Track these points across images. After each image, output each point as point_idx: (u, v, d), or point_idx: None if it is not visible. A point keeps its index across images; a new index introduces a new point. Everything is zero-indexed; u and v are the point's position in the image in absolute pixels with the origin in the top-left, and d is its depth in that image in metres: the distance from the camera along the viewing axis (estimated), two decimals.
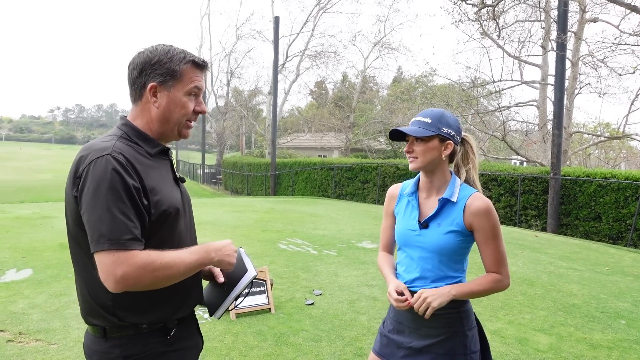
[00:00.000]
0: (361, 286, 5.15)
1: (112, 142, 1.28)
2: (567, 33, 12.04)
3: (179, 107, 1.36)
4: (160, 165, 1.39)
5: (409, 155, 1.69)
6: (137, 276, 1.16)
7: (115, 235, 1.15)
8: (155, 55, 1.34)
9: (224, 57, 34.69)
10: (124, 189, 1.19)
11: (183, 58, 1.35)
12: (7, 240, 7.13)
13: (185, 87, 1.36)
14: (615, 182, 10.31)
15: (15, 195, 20.22)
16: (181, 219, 1.38)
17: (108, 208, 1.16)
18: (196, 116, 1.42)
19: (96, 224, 1.16)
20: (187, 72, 1.36)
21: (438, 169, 1.69)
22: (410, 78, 32.37)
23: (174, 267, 1.23)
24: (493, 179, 12.89)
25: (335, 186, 18.72)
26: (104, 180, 1.18)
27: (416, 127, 1.66)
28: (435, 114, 1.67)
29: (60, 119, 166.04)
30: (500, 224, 1.64)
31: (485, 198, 1.63)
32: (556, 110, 11.78)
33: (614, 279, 5.95)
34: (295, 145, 34.53)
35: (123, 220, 1.17)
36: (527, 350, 3.61)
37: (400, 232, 1.74)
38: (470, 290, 1.62)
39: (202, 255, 1.31)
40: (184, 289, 1.39)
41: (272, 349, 3.48)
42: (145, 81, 1.34)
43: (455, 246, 1.63)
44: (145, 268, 1.17)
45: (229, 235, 7.89)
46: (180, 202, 1.39)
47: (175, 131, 1.40)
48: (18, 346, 3.38)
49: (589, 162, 21.68)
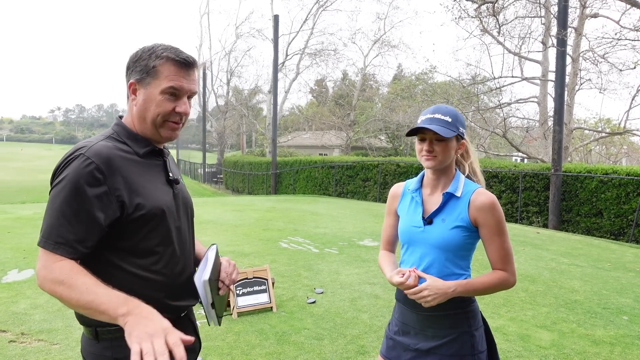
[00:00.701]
0: (362, 284, 5.15)
1: (95, 141, 1.28)
2: (567, 29, 12.02)
3: (153, 105, 1.30)
4: (150, 165, 1.37)
5: (429, 154, 1.63)
6: (50, 285, 1.16)
7: (51, 237, 1.19)
8: (139, 52, 1.33)
9: (224, 56, 34.70)
10: (81, 196, 1.19)
11: (161, 54, 1.29)
12: (8, 240, 7.14)
13: (161, 85, 1.29)
14: (617, 178, 10.29)
15: (16, 196, 20.26)
16: (169, 220, 1.35)
17: (58, 207, 1.20)
18: (178, 117, 1.34)
19: (45, 219, 1.22)
20: (163, 69, 1.29)
21: (448, 167, 1.68)
22: (411, 75, 32.28)
23: (76, 299, 1.12)
24: (494, 176, 12.88)
25: (336, 184, 18.72)
26: (68, 180, 1.20)
27: (438, 125, 1.61)
28: (453, 113, 1.64)
29: (60, 119, 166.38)
30: (505, 220, 1.63)
31: (490, 193, 1.62)
32: (557, 106, 11.76)
33: (616, 275, 5.94)
34: (296, 144, 34.54)
35: (65, 224, 1.19)
36: (530, 347, 3.60)
37: (404, 230, 1.73)
38: (475, 288, 1.59)
39: (113, 306, 1.09)
40: (175, 289, 1.37)
41: (274, 347, 3.49)
42: (129, 79, 1.33)
43: (460, 242, 1.61)
44: (55, 283, 1.15)
45: (229, 234, 7.89)
46: (170, 203, 1.36)
47: (154, 131, 1.34)
48: (20, 346, 3.39)
49: (590, 158, 21.64)
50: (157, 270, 1.32)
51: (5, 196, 20.33)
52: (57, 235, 1.18)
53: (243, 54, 37.11)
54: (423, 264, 1.65)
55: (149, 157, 1.37)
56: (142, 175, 1.31)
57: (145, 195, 1.29)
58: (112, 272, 1.27)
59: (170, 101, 1.31)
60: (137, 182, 1.28)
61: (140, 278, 1.29)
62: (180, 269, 1.39)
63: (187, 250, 1.45)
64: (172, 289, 1.37)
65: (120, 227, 1.25)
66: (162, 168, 1.41)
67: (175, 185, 1.42)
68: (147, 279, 1.30)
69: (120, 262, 1.28)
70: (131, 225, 1.26)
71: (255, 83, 40.99)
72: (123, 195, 1.24)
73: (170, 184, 1.41)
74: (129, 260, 1.29)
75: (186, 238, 1.46)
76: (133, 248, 1.29)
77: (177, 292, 1.39)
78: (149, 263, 1.31)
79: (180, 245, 1.40)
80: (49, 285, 1.16)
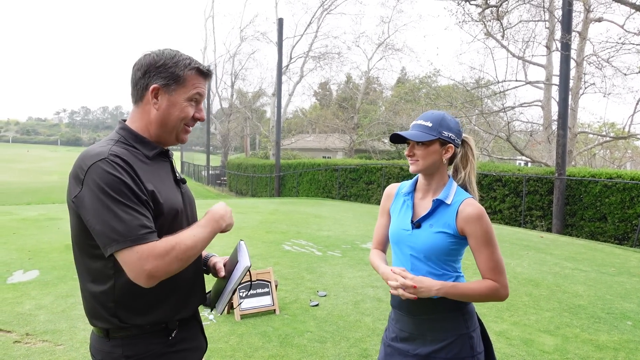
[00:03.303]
0: (366, 287, 5.15)
1: (108, 146, 1.29)
2: (571, 33, 12.00)
3: (178, 110, 1.37)
4: (159, 167, 1.40)
5: (410, 158, 1.69)
6: (165, 265, 1.20)
7: (131, 232, 1.18)
8: (161, 59, 1.36)
9: (228, 59, 34.86)
10: (125, 187, 1.21)
11: (188, 64, 1.37)
12: (14, 241, 7.18)
13: (188, 92, 1.37)
14: (621, 182, 10.25)
15: (22, 197, 20.35)
16: (182, 219, 1.39)
17: (113, 209, 1.18)
18: (194, 122, 1.44)
19: (107, 226, 1.17)
20: (190, 78, 1.38)
21: (437, 171, 1.70)
22: (414, 79, 32.29)
23: (194, 246, 1.27)
24: (498, 180, 12.85)
25: (339, 187, 18.72)
26: (104, 183, 1.19)
27: (417, 130, 1.66)
28: (436, 118, 1.67)
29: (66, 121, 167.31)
30: (494, 231, 1.63)
31: (478, 204, 1.63)
32: (561, 110, 11.73)
33: (620, 280, 5.91)
34: (300, 147, 34.55)
35: (133, 215, 1.19)
36: (533, 352, 3.60)
37: (393, 231, 1.75)
38: (461, 292, 1.59)
39: (213, 226, 1.36)
40: (185, 290, 1.41)
41: (277, 350, 3.49)
42: (148, 82, 1.35)
43: (445, 247, 1.62)
44: (170, 255, 1.20)
45: (233, 237, 7.91)
46: (181, 204, 1.41)
47: (173, 135, 1.41)
48: (25, 347, 3.41)
49: (594, 163, 21.56)
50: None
51: (11, 197, 20.44)
52: (133, 228, 1.18)
53: (247, 56, 37.43)
54: (409, 266, 1.68)
55: (157, 159, 1.40)
56: (154, 178, 1.34)
57: (163, 196, 1.32)
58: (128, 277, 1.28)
59: (191, 107, 1.40)
60: (153, 184, 1.32)
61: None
62: (190, 269, 1.42)
63: None
64: (184, 289, 1.40)
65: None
66: (169, 169, 1.45)
67: (182, 185, 1.47)
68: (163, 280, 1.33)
69: None
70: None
71: (259, 86, 41.13)
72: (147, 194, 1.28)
73: (177, 184, 1.45)
74: None
75: None
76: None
77: (188, 292, 1.42)
78: None
79: None
80: (175, 264, 1.22)
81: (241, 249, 1.50)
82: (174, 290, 1.36)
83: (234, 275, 1.44)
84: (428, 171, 1.69)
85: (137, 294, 1.28)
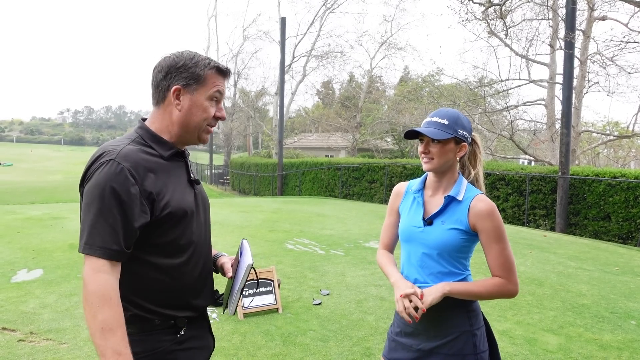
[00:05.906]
0: (368, 286, 5.15)
1: (122, 145, 1.31)
2: (575, 31, 11.94)
3: (200, 110, 1.39)
4: (174, 167, 1.41)
5: (425, 156, 1.67)
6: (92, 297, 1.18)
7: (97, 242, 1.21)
8: (181, 60, 1.38)
9: (231, 58, 34.81)
10: (119, 200, 1.23)
11: (208, 64, 1.40)
12: (18, 240, 7.22)
13: (208, 91, 1.40)
14: (625, 181, 10.21)
15: (26, 197, 20.44)
16: (193, 220, 1.40)
17: (98, 213, 1.22)
18: (216, 122, 1.46)
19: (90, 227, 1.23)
20: (210, 77, 1.40)
21: (449, 169, 1.69)
22: (417, 78, 32.24)
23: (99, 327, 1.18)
24: (501, 179, 12.82)
25: (342, 186, 18.72)
26: (104, 187, 1.23)
27: (433, 128, 1.65)
28: (452, 116, 1.66)
29: (69, 121, 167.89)
30: (505, 228, 1.63)
31: (489, 200, 1.63)
32: (564, 109, 11.69)
33: (624, 279, 5.89)
34: (302, 146, 34.56)
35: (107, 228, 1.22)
36: (536, 351, 3.59)
37: (404, 229, 1.75)
38: (468, 290, 1.59)
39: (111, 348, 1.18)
40: (194, 287, 1.42)
41: (280, 348, 3.50)
42: (170, 84, 1.37)
43: (457, 244, 1.62)
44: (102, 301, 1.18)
45: (236, 235, 7.92)
46: (193, 204, 1.41)
47: (195, 135, 1.43)
48: (29, 345, 3.43)
49: (597, 161, 21.48)
50: (182, 270, 1.37)
51: (15, 197, 20.53)
52: (101, 241, 1.21)
53: (250, 56, 37.33)
54: (420, 263, 1.68)
55: (173, 159, 1.42)
56: (167, 178, 1.36)
57: (172, 198, 1.34)
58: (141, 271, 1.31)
59: (212, 107, 1.43)
60: (164, 185, 1.33)
61: (169, 277, 1.34)
62: (201, 268, 1.44)
63: (206, 250, 1.50)
64: (194, 288, 1.42)
65: (149, 229, 1.29)
66: (184, 169, 1.46)
67: (196, 186, 1.48)
68: (174, 278, 1.35)
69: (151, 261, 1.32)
70: (159, 226, 1.31)
71: (262, 85, 41.09)
72: (153, 197, 1.29)
73: (191, 184, 1.46)
74: (157, 260, 1.33)
75: (205, 238, 1.51)
76: (160, 248, 1.33)
77: (198, 291, 1.43)
78: (176, 263, 1.35)
79: (201, 245, 1.45)
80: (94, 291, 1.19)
81: (244, 248, 1.51)
82: (182, 286, 1.37)
83: (238, 274, 1.46)
84: (441, 169, 1.68)
85: (147, 289, 1.31)
